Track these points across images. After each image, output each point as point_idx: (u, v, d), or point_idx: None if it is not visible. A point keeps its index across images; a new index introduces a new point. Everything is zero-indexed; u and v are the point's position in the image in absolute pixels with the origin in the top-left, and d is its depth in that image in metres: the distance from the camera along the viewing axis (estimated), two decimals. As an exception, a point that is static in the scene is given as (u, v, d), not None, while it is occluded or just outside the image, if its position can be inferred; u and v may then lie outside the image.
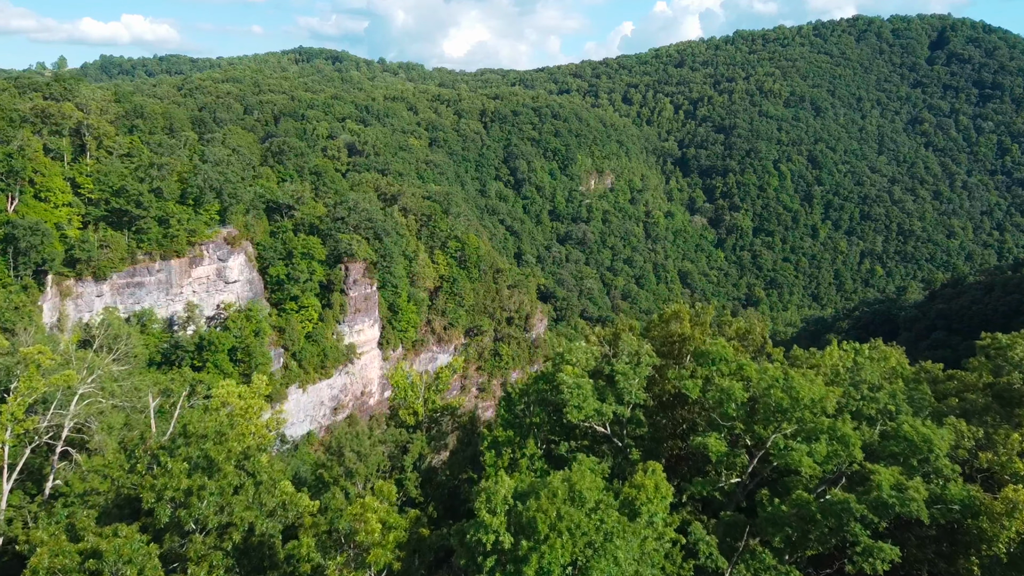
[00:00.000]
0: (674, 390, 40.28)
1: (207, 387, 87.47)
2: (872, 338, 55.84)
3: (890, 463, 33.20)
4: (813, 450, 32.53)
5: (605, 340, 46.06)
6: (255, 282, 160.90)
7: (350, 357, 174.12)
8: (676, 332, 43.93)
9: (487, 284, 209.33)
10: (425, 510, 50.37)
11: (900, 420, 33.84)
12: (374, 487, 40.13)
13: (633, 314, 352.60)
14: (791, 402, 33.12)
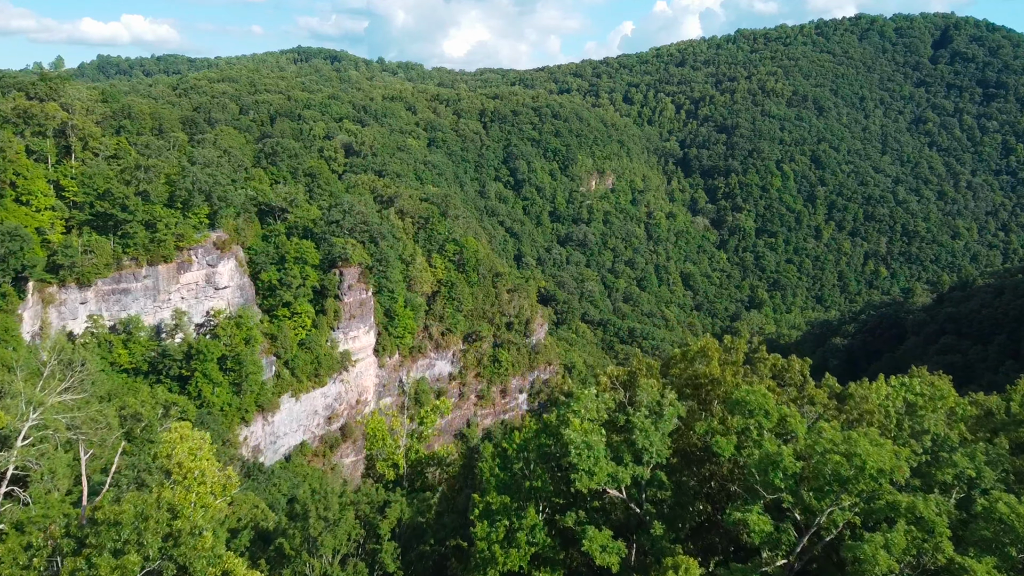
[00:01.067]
0: (702, 443, 34.84)
1: (182, 410, 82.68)
2: (914, 368, 50.36)
3: (980, 551, 27.47)
4: (889, 541, 26.68)
5: (619, 382, 40.62)
6: (246, 288, 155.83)
7: (344, 365, 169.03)
8: (703, 373, 38.53)
9: (486, 288, 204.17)
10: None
11: (993, 497, 28.02)
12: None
13: (636, 316, 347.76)
14: (854, 471, 27.50)
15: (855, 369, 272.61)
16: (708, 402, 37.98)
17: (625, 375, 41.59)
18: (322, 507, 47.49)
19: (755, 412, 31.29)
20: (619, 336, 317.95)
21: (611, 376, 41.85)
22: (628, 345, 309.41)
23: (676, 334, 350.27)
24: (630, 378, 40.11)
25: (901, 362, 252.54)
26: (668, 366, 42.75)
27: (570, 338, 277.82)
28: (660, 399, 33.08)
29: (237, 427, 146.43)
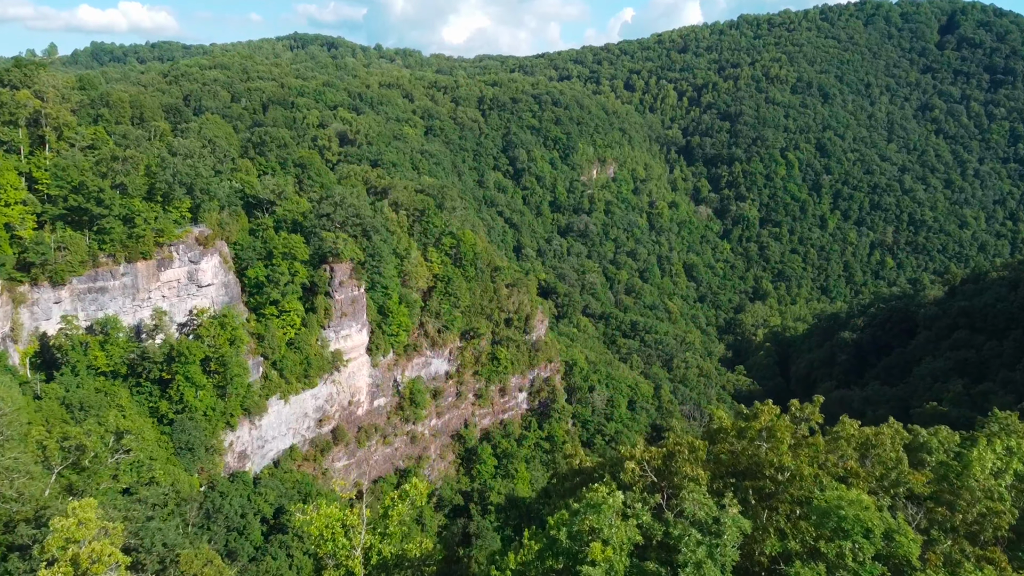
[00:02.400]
0: (770, 566, 26.73)
1: (136, 436, 75.54)
2: (997, 412, 42.74)
3: None
4: None
5: (651, 466, 32.69)
6: (231, 285, 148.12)
7: (336, 365, 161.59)
8: (768, 460, 30.67)
9: (484, 283, 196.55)
10: None
11: None
12: None
13: (638, 309, 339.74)
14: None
15: (864, 365, 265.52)
16: (774, 500, 29.88)
17: (659, 459, 33.53)
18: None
19: (852, 531, 23.10)
20: (621, 330, 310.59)
21: (641, 461, 33.74)
22: (630, 339, 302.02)
23: (679, 327, 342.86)
24: (666, 463, 32.20)
25: (912, 358, 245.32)
26: (712, 438, 35.05)
27: (571, 333, 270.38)
28: (718, 513, 24.93)
29: (222, 432, 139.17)
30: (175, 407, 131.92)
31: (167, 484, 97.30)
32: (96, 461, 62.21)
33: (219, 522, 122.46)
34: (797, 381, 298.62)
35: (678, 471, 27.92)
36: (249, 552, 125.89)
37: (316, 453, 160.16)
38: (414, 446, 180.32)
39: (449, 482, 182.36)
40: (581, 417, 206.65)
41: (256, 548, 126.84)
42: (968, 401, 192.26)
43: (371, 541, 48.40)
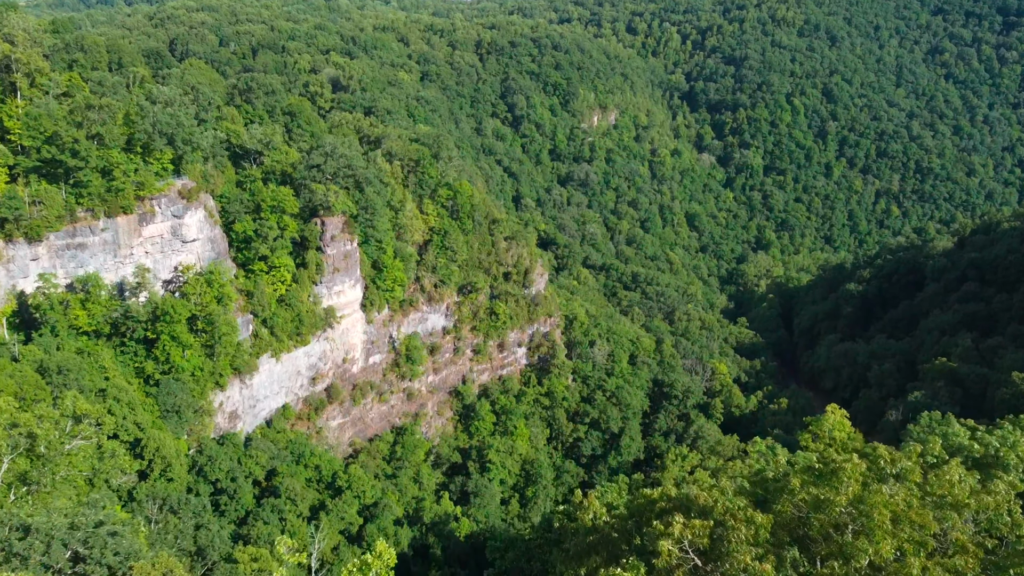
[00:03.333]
0: None
1: (96, 420, 70.58)
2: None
3: None
4: None
5: (694, 545, 26.88)
6: (217, 240, 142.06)
7: (329, 322, 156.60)
8: (858, 547, 24.59)
9: (482, 236, 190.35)
10: None
11: None
12: None
13: (639, 260, 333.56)
14: None
15: (869, 317, 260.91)
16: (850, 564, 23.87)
17: (705, 535, 27.73)
18: None
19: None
20: (622, 282, 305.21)
21: (681, 540, 27.85)
22: (631, 291, 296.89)
23: (681, 278, 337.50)
24: (715, 544, 26.45)
25: (919, 310, 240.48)
26: (766, 489, 29.47)
27: (571, 286, 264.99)
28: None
29: (211, 392, 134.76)
30: (161, 367, 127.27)
31: (133, 471, 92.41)
32: (52, 448, 57.15)
33: (206, 485, 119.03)
34: (800, 333, 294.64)
35: (732, 555, 22.52)
36: (239, 515, 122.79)
37: (310, 412, 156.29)
38: (411, 403, 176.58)
39: (447, 439, 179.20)
40: (581, 372, 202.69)
41: (247, 512, 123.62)
42: (977, 356, 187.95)
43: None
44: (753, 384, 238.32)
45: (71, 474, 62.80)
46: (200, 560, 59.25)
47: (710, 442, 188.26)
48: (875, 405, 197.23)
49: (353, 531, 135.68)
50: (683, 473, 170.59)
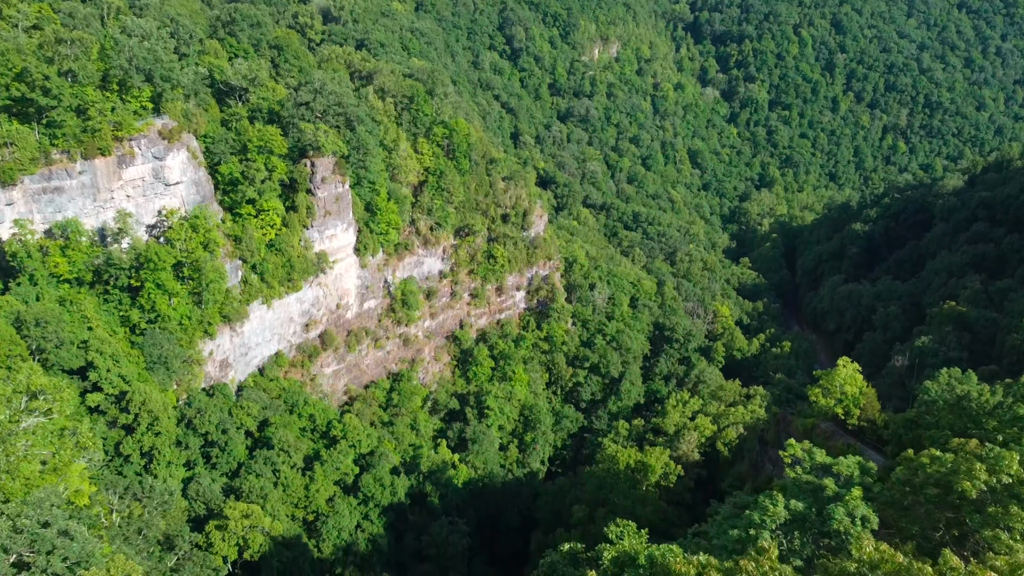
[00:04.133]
0: None
1: (53, 396, 65.95)
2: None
3: None
4: None
5: None
6: (202, 183, 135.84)
7: (321, 267, 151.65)
8: None
9: (479, 177, 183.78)
10: None
11: None
12: None
13: (640, 198, 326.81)
14: None
15: (875, 258, 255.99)
16: None
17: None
18: None
19: None
20: (623, 221, 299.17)
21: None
22: (632, 231, 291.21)
23: (683, 217, 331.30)
24: None
25: (927, 251, 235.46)
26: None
27: (571, 226, 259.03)
28: None
29: (200, 341, 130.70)
30: (147, 316, 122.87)
31: (99, 450, 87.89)
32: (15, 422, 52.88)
33: (196, 438, 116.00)
34: (804, 274, 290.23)
35: None
36: (231, 467, 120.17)
37: (304, 359, 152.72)
38: (407, 349, 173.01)
39: (444, 385, 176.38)
40: (581, 316, 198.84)
41: (239, 464, 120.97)
42: (985, 299, 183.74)
43: None
44: (755, 327, 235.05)
45: (29, 453, 58.92)
46: (169, 549, 55.71)
47: (711, 387, 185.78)
48: (879, 348, 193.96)
49: (349, 481, 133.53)
50: (684, 419, 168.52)
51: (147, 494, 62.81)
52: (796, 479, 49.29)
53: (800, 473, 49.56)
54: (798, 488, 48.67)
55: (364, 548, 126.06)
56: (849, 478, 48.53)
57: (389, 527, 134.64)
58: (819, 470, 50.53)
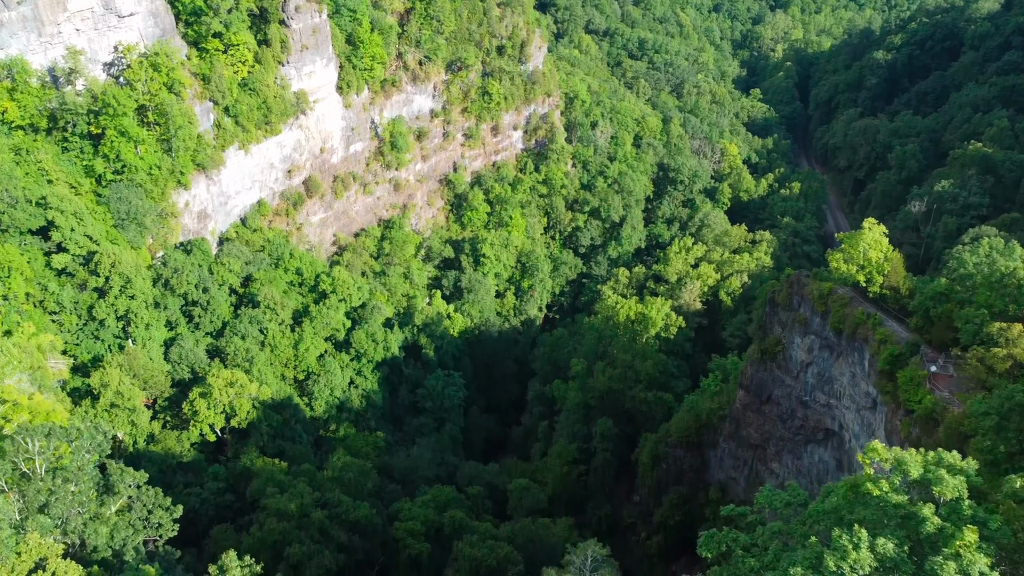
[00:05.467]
0: None
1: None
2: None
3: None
4: None
5: None
6: (161, 14, 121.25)
7: (301, 108, 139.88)
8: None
9: (472, 3, 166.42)
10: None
11: None
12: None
13: (647, 23, 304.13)
14: None
15: (895, 90, 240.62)
16: None
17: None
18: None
19: None
20: (627, 49, 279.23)
21: None
22: (637, 60, 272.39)
23: (691, 43, 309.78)
24: None
25: (952, 83, 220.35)
26: None
27: (572, 56, 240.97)
28: None
29: (173, 192, 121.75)
30: (113, 166, 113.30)
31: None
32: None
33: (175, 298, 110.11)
34: (817, 106, 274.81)
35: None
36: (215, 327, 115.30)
37: (288, 207, 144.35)
38: (398, 194, 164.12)
39: (438, 232, 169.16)
40: (582, 157, 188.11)
41: (224, 323, 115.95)
42: (1012, 138, 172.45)
43: None
44: (764, 166, 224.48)
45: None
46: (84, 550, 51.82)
47: (716, 231, 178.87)
48: (893, 189, 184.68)
49: (340, 337, 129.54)
50: (686, 267, 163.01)
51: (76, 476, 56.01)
52: (882, 502, 36.97)
53: (886, 492, 37.10)
54: (884, 515, 36.55)
55: (358, 405, 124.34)
56: (956, 505, 35.64)
57: (383, 382, 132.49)
58: (911, 487, 37.84)
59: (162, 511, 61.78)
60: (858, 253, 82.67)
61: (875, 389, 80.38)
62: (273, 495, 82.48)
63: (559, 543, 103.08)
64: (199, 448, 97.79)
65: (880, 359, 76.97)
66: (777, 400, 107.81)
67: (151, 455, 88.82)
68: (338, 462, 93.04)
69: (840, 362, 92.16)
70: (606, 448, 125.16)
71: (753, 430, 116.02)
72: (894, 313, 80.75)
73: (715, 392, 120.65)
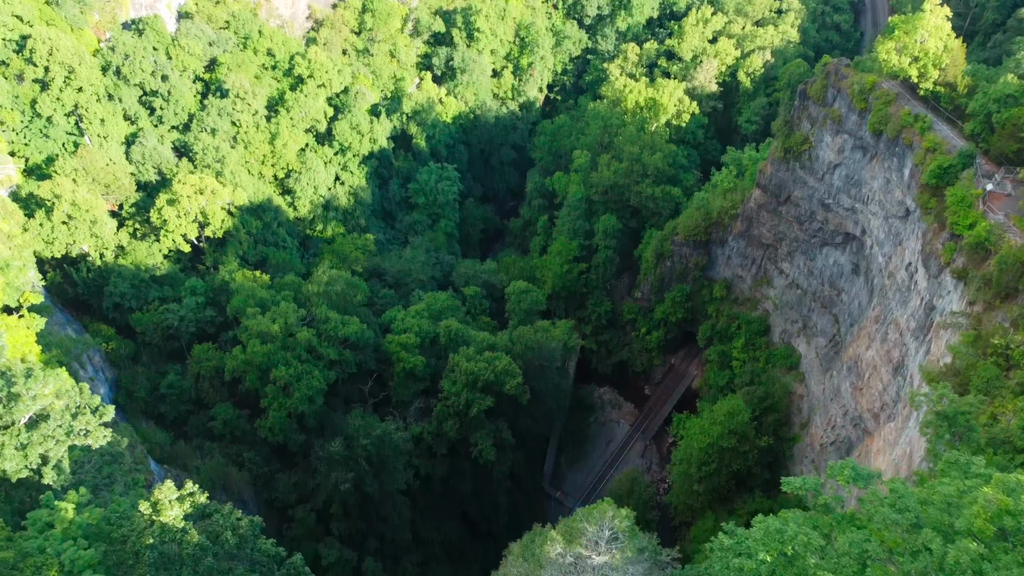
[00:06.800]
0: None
1: None
2: None
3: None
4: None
5: None
6: None
7: None
8: None
9: None
10: None
11: None
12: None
13: None
14: None
15: None
16: None
17: None
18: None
19: None
20: None
21: None
22: None
23: None
24: None
25: None
26: None
27: None
28: None
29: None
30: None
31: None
32: None
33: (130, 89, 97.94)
34: None
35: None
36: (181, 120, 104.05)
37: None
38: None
39: (426, 1, 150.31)
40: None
41: (190, 116, 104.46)
42: None
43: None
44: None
45: None
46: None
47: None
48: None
49: (321, 128, 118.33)
50: (703, 42, 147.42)
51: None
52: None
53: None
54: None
55: (346, 203, 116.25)
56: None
57: (371, 177, 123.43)
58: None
59: (89, 414, 46.26)
60: (913, 42, 70.30)
61: (914, 203, 72.07)
62: (255, 315, 77.26)
63: (558, 348, 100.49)
64: (174, 259, 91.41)
65: (926, 170, 67.83)
66: (796, 201, 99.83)
67: (121, 270, 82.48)
68: (323, 275, 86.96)
69: (874, 165, 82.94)
70: (608, 246, 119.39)
71: (766, 230, 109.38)
72: (947, 115, 70.18)
73: (728, 188, 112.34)
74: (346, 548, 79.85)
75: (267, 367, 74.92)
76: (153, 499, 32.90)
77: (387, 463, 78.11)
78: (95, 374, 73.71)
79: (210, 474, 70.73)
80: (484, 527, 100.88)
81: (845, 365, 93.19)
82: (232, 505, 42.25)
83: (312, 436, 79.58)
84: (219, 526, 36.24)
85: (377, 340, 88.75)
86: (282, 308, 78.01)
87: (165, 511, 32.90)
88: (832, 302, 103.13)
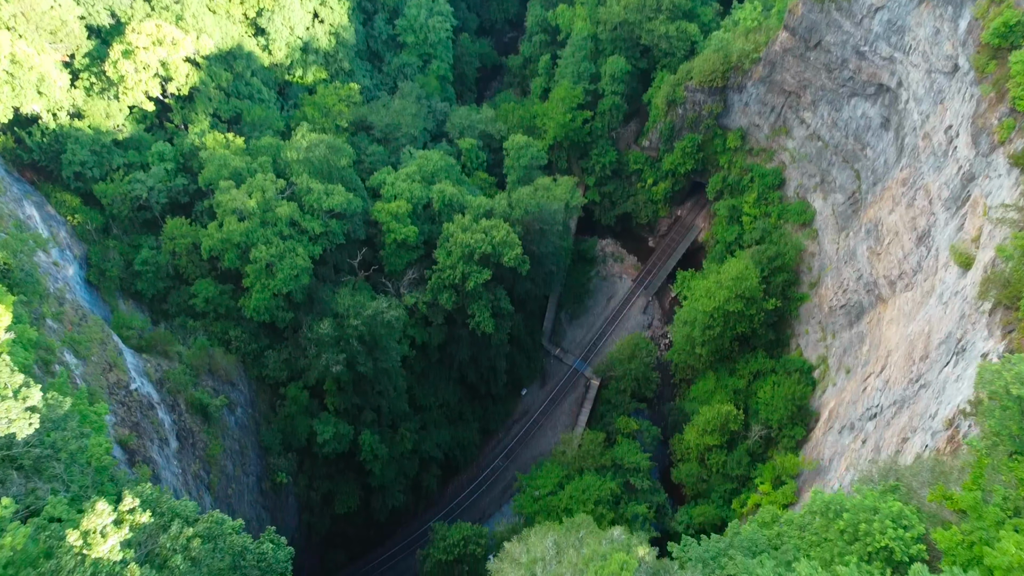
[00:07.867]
0: None
1: None
2: None
3: None
4: None
5: None
6: None
7: None
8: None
9: None
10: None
11: None
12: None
13: None
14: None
15: None
16: None
17: None
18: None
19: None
20: None
21: None
22: None
23: None
24: None
25: None
26: None
27: None
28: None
29: None
30: None
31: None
32: None
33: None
34: None
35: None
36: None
37: None
38: None
39: None
40: None
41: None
42: None
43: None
44: None
45: None
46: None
47: None
48: None
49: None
50: None
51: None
52: None
53: None
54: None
55: (326, 44, 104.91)
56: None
57: (354, 12, 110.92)
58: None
59: (12, 399, 33.01)
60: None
61: (967, 63, 63.24)
62: (228, 189, 70.45)
63: (559, 209, 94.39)
64: (138, 117, 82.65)
65: (987, 26, 58.51)
66: (827, 47, 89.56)
67: (78, 135, 74.34)
68: (303, 139, 78.97)
69: (922, 11, 72.73)
70: (616, 91, 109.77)
71: (790, 76, 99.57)
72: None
73: (751, 28, 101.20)
74: (342, 422, 78.33)
75: (247, 246, 69.41)
76: (82, 529, 27.52)
77: (380, 341, 74.67)
78: (60, 254, 68.36)
79: (193, 359, 67.39)
80: (483, 389, 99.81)
81: (863, 227, 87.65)
82: (195, 503, 36.39)
83: (301, 312, 75.65)
84: (167, 550, 30.68)
85: (366, 206, 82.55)
86: (258, 180, 71.07)
87: (97, 545, 27.61)
88: (855, 156, 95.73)
